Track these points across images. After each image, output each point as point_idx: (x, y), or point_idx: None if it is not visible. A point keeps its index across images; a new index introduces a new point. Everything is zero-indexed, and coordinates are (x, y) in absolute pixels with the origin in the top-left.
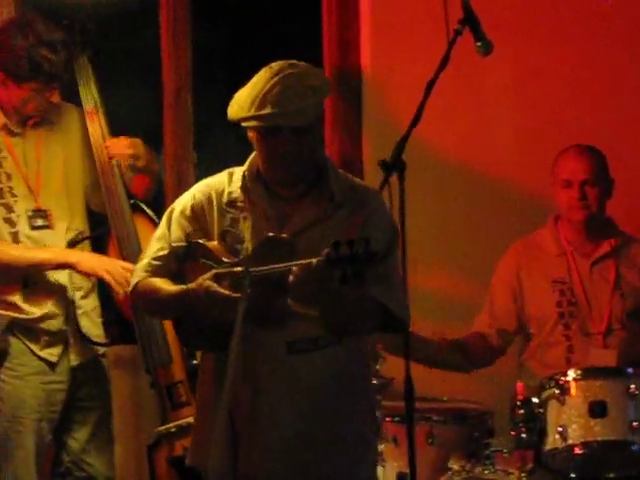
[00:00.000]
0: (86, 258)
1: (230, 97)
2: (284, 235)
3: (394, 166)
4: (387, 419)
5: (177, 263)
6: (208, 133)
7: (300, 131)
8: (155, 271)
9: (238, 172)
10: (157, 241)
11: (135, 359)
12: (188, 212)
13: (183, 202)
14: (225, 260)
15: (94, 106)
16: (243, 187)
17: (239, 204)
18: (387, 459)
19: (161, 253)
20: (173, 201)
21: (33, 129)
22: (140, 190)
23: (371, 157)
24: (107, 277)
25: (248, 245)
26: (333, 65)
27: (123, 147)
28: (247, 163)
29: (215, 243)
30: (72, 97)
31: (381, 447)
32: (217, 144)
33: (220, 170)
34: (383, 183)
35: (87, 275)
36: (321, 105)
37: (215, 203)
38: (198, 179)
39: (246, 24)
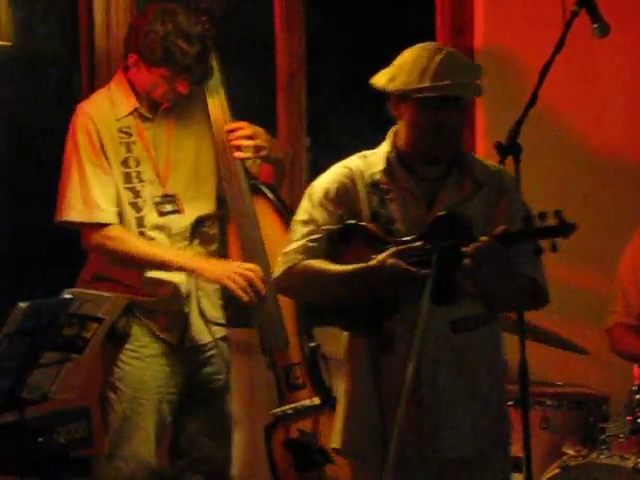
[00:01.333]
0: (210, 267)
1: (343, 80)
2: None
3: (510, 149)
4: None
5: (331, 245)
6: (320, 117)
7: (462, 107)
8: (311, 254)
9: (372, 154)
10: (304, 225)
11: (253, 341)
12: (332, 195)
13: (325, 185)
14: (385, 239)
15: (215, 87)
16: (387, 168)
17: (382, 186)
18: None
19: (315, 236)
20: (284, 184)
21: (165, 114)
22: (265, 178)
23: (485, 140)
24: (231, 285)
25: (400, 226)
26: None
27: (245, 138)
28: (388, 144)
29: (371, 224)
30: None
31: None
32: (329, 128)
33: (334, 154)
34: None
35: (212, 282)
36: None
37: (359, 185)
38: (310, 163)
39: (359, 8)
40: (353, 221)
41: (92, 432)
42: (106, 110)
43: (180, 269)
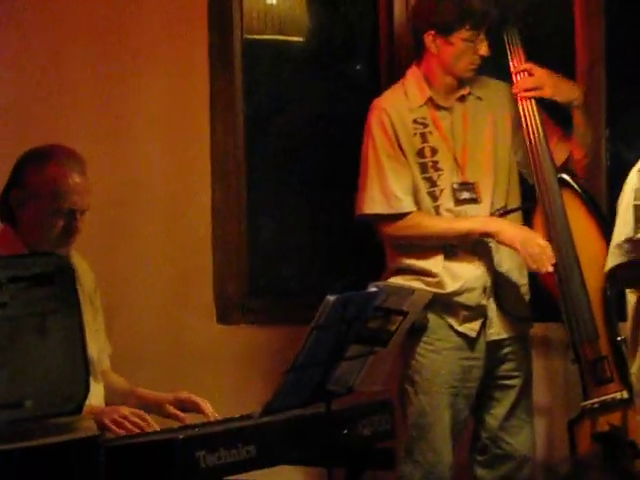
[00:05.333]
0: (506, 228)
1: None
2: None
3: None
4: None
5: None
6: (621, 109)
7: None
8: None
9: None
10: None
11: (557, 335)
12: None
13: None
14: None
15: None
16: None
17: None
18: None
19: None
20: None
21: (460, 102)
22: (574, 163)
23: None
24: (522, 250)
25: None
26: None
27: (528, 90)
28: None
29: None
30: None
31: None
32: (630, 119)
33: (634, 145)
34: None
35: (505, 245)
36: None
37: None
38: (610, 154)
39: None
40: None
41: (394, 425)
42: (400, 103)
43: (481, 235)
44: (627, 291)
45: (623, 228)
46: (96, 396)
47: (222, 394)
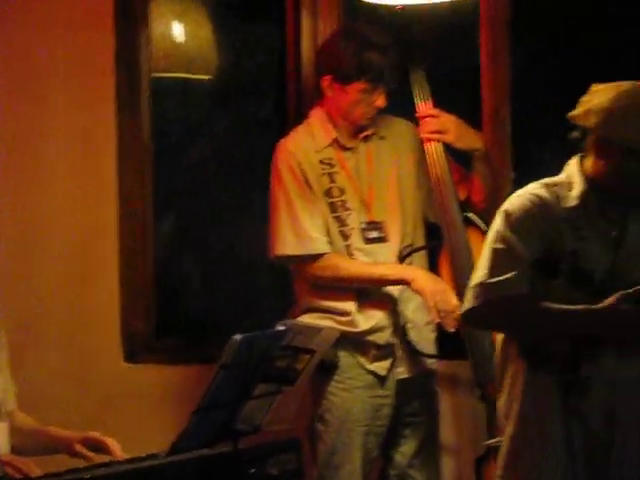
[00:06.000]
0: (421, 277)
1: (548, 114)
2: None
3: None
4: None
5: (538, 278)
6: (526, 150)
7: None
8: (522, 286)
9: (556, 185)
10: (504, 253)
11: (461, 373)
12: (530, 225)
13: (521, 213)
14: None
15: None
16: (581, 204)
17: (575, 222)
18: None
19: (519, 267)
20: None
21: (364, 142)
22: (476, 195)
23: None
24: (430, 303)
25: (592, 265)
26: None
27: (432, 132)
28: (579, 179)
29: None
30: (404, 112)
31: None
32: (535, 161)
33: None
34: None
35: (417, 293)
36: None
37: (553, 218)
38: None
39: (568, 36)
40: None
41: (302, 464)
42: (306, 143)
43: (395, 282)
44: None
45: (479, 271)
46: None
47: (129, 434)
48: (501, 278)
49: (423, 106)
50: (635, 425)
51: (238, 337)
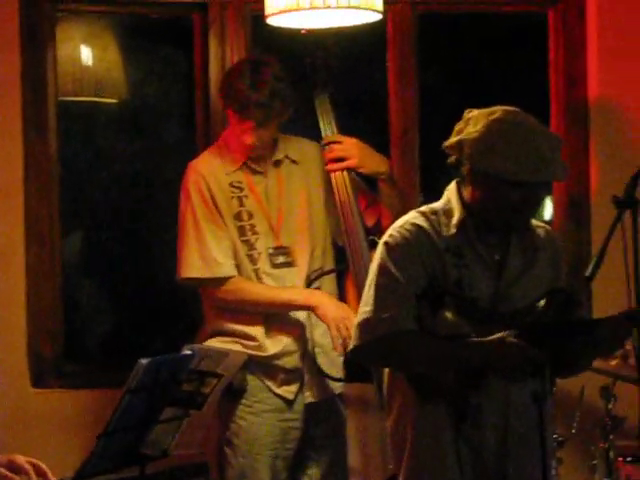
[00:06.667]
0: (325, 304)
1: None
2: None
3: (627, 203)
4: (619, 459)
5: (423, 311)
6: (434, 173)
7: (551, 183)
8: (406, 321)
9: (434, 213)
10: (387, 287)
11: (368, 396)
12: (414, 256)
13: (402, 245)
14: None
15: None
16: (461, 232)
17: (457, 250)
18: None
19: (404, 301)
20: None
21: (275, 167)
22: (385, 219)
23: (600, 192)
24: (333, 330)
25: (475, 293)
26: (560, 98)
27: (335, 161)
28: (457, 206)
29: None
30: (312, 134)
31: None
32: (444, 184)
33: None
34: (616, 221)
35: (320, 319)
36: None
37: (434, 247)
38: None
39: (471, 63)
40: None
41: None
42: (216, 166)
43: (301, 307)
44: None
45: (364, 306)
46: None
47: (37, 459)
48: (386, 315)
49: (326, 131)
50: (526, 456)
51: (144, 361)
